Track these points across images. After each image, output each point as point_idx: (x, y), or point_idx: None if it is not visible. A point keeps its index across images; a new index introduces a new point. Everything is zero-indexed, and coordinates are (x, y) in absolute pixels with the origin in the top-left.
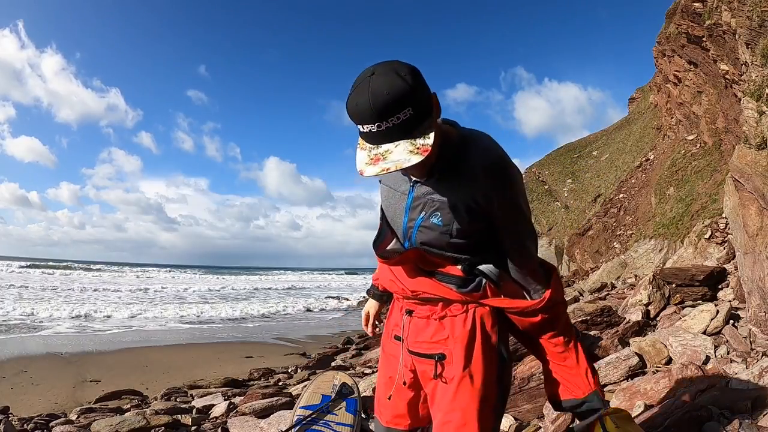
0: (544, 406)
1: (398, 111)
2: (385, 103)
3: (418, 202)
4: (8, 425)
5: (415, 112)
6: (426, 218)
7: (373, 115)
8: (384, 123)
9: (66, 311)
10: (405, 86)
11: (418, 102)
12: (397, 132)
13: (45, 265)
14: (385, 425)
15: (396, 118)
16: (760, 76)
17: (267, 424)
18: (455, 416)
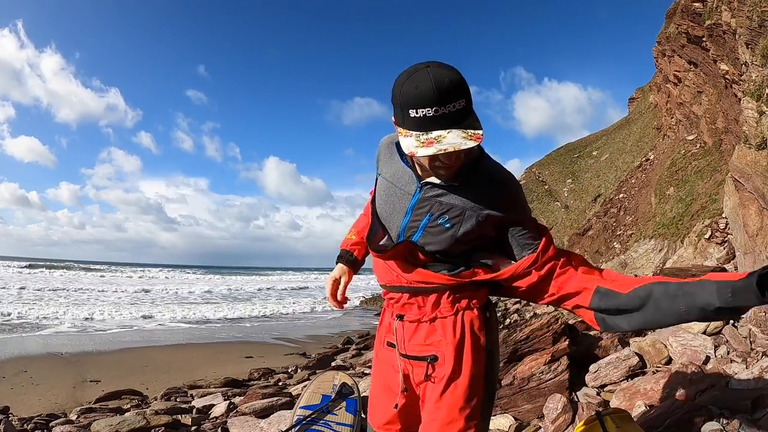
0: (544, 406)
1: (456, 99)
2: (446, 89)
3: (424, 203)
4: (8, 425)
5: (467, 104)
6: (433, 219)
7: (433, 99)
8: (441, 108)
9: (66, 311)
10: (461, 78)
11: (469, 96)
12: (450, 119)
13: (45, 265)
14: (377, 430)
15: (452, 105)
16: (760, 76)
17: (267, 424)
18: (441, 414)
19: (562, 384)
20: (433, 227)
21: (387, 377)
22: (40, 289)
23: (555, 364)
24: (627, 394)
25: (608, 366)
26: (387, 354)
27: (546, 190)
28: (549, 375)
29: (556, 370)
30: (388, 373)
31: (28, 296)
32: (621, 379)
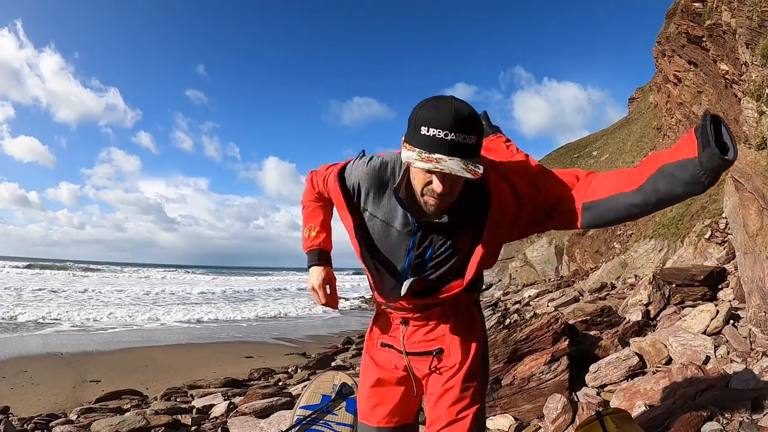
0: (544, 406)
1: (468, 132)
2: (463, 119)
3: (424, 240)
4: (8, 425)
5: (476, 143)
6: (436, 249)
7: (448, 123)
8: (452, 134)
9: (66, 312)
10: (479, 119)
11: (480, 137)
12: (456, 148)
13: (47, 265)
14: (375, 425)
15: (462, 137)
16: (760, 76)
17: (267, 424)
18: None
19: (562, 384)
20: (438, 256)
21: (387, 375)
22: (40, 289)
23: (555, 364)
24: (627, 394)
25: (608, 366)
26: (383, 354)
27: None
28: (549, 375)
29: (556, 370)
30: (387, 371)
31: (28, 297)
32: (621, 379)
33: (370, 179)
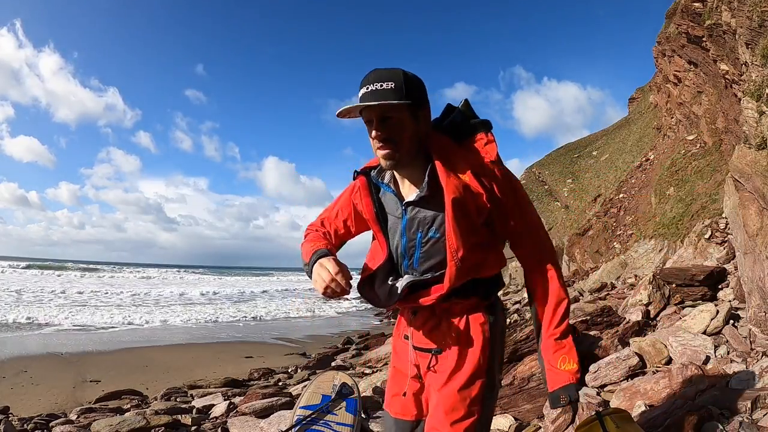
0: (544, 406)
1: (383, 80)
2: (378, 73)
3: (412, 223)
4: (8, 425)
5: (394, 87)
6: (425, 235)
7: (365, 80)
8: (367, 86)
9: (67, 312)
10: (401, 73)
11: (401, 84)
12: (374, 94)
13: (45, 265)
14: (394, 416)
15: (379, 84)
16: (760, 76)
17: (267, 424)
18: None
19: None
20: (426, 242)
21: (403, 367)
22: (40, 290)
23: None
24: (627, 394)
25: (608, 366)
26: (402, 346)
27: (546, 190)
28: None
29: None
30: (402, 362)
31: (28, 298)
32: (621, 379)
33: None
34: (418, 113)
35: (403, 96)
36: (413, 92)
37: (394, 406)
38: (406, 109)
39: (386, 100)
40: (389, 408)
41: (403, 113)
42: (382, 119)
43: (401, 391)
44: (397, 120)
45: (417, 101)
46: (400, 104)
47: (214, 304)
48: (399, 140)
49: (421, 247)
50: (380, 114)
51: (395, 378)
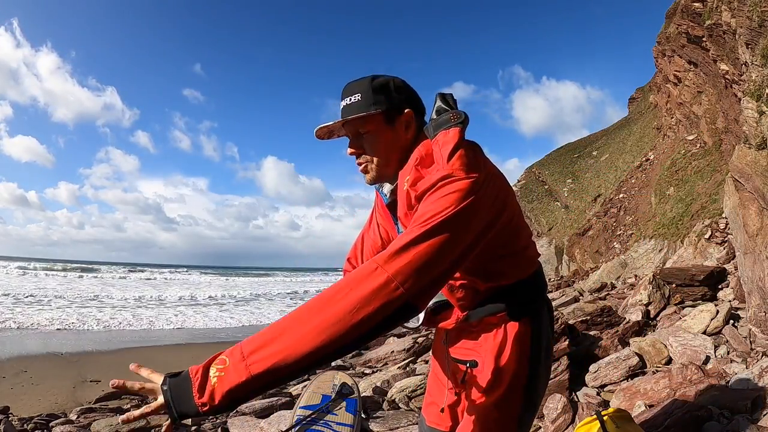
0: (544, 406)
1: (348, 94)
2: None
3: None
4: (8, 425)
5: (359, 99)
6: None
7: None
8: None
9: (67, 312)
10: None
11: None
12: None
13: (47, 267)
14: (429, 425)
15: (348, 99)
16: (760, 76)
17: (267, 424)
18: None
19: (562, 384)
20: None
21: (439, 374)
22: (40, 290)
23: (555, 364)
24: (627, 394)
25: (608, 366)
26: (442, 350)
27: (546, 190)
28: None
29: (556, 370)
30: (440, 370)
31: (29, 298)
32: (621, 379)
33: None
34: (394, 120)
35: (370, 105)
36: (383, 99)
37: (431, 414)
38: (379, 118)
39: (352, 114)
40: (426, 414)
41: (376, 124)
42: (355, 135)
43: (437, 401)
44: (370, 133)
45: (391, 107)
46: (368, 115)
47: (214, 304)
48: (374, 153)
49: None
50: (353, 130)
51: (434, 384)
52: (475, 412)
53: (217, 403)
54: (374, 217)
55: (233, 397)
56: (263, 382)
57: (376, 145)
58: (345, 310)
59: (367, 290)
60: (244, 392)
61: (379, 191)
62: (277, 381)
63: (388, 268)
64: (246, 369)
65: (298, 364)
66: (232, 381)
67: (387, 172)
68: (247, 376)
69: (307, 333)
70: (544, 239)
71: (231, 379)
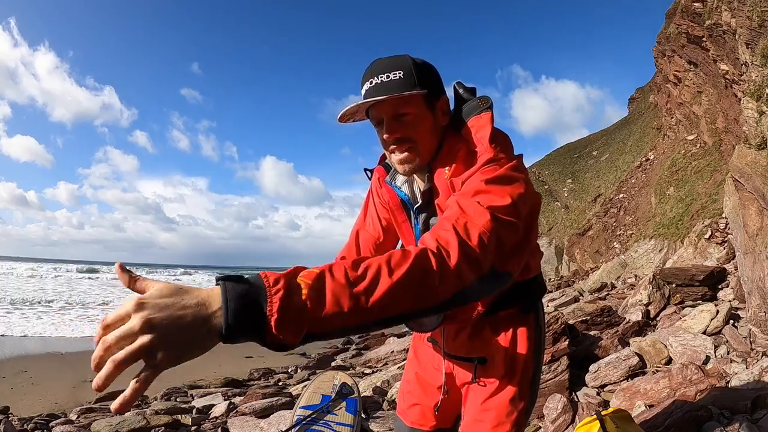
0: (544, 406)
1: (387, 70)
2: (380, 63)
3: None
4: (8, 425)
5: (402, 77)
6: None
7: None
8: (372, 80)
9: (68, 312)
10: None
11: (410, 73)
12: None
13: (51, 267)
14: (410, 425)
15: (386, 76)
16: (760, 76)
17: (267, 424)
18: (490, 415)
19: (562, 384)
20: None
21: (426, 373)
22: (39, 290)
23: (555, 364)
24: (627, 394)
25: (608, 366)
26: (427, 350)
27: (546, 190)
28: (549, 375)
29: (556, 370)
30: (427, 369)
31: (29, 299)
32: (621, 379)
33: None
34: (434, 104)
35: (415, 85)
36: (426, 80)
37: (412, 415)
38: (421, 100)
39: (394, 92)
40: (404, 416)
41: (419, 106)
42: (394, 117)
43: (422, 401)
44: (413, 115)
45: (433, 90)
46: (414, 95)
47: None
48: (417, 139)
49: None
50: (392, 111)
51: (417, 386)
52: (487, 412)
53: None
54: (370, 211)
55: (317, 331)
56: (359, 321)
57: (419, 130)
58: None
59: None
60: (332, 327)
61: (391, 184)
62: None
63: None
64: (352, 299)
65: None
66: (332, 306)
67: (425, 161)
68: (352, 306)
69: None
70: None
71: (331, 304)
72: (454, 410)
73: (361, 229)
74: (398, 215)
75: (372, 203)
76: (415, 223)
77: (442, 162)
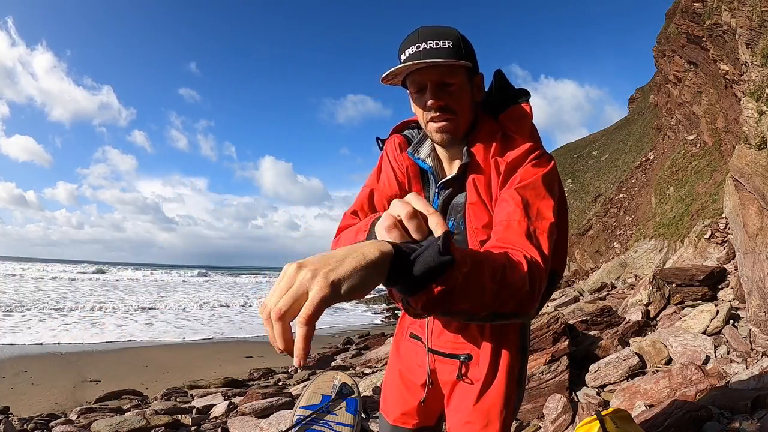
0: (544, 406)
1: (438, 38)
2: (431, 30)
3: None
4: (8, 425)
5: (452, 46)
6: (456, 224)
7: (417, 37)
8: (422, 44)
9: (69, 312)
10: (453, 30)
11: (458, 44)
12: (430, 53)
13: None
14: (392, 423)
15: (435, 42)
16: (760, 76)
17: (267, 424)
18: (478, 417)
19: (562, 384)
20: (457, 234)
21: (408, 371)
22: (40, 290)
23: (555, 364)
24: (627, 394)
25: (608, 366)
26: (410, 346)
27: None
28: (549, 375)
29: (556, 370)
30: (409, 366)
31: (29, 299)
32: (621, 379)
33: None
34: (473, 80)
35: (462, 56)
36: (470, 54)
37: (394, 413)
38: (465, 73)
39: (444, 59)
40: (387, 414)
41: (462, 78)
42: (440, 85)
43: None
44: (457, 86)
45: (475, 65)
46: (461, 66)
47: (214, 304)
48: (458, 110)
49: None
50: (439, 78)
51: (401, 383)
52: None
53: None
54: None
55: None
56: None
57: (462, 102)
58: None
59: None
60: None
61: (413, 156)
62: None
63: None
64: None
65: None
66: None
67: (461, 133)
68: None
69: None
70: None
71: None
72: (437, 408)
73: (375, 188)
74: (415, 184)
75: (389, 165)
76: (435, 196)
77: (482, 139)
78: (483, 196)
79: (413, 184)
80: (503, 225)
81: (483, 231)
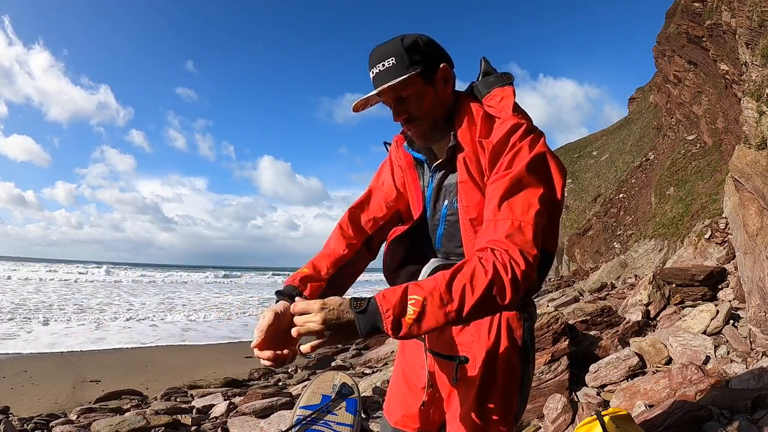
0: (544, 406)
1: (382, 58)
2: (376, 52)
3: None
4: (8, 425)
5: (395, 62)
6: (450, 206)
7: (370, 64)
8: (373, 70)
9: (69, 313)
10: (396, 41)
11: (399, 55)
12: (380, 78)
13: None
14: (393, 425)
15: (381, 65)
16: (760, 76)
17: (267, 424)
18: (474, 425)
19: (562, 384)
20: (451, 214)
21: (411, 372)
22: (40, 290)
23: (555, 364)
24: (627, 394)
25: (608, 366)
26: (414, 347)
27: None
28: (549, 375)
29: (556, 370)
30: (412, 367)
31: (30, 299)
32: (621, 379)
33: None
34: (432, 77)
35: (407, 67)
36: (419, 58)
37: (396, 415)
38: (418, 79)
39: (390, 79)
40: (390, 415)
41: (416, 85)
42: (398, 100)
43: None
44: (413, 95)
45: (427, 65)
46: (409, 78)
47: (214, 304)
48: (420, 116)
49: (445, 222)
50: (394, 95)
51: (404, 384)
52: (471, 410)
53: (405, 335)
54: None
55: (419, 334)
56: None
57: (422, 106)
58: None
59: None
60: (430, 331)
61: (408, 149)
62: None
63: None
64: (444, 317)
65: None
66: (429, 323)
67: (436, 131)
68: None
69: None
70: None
71: (428, 322)
72: (439, 416)
73: (375, 188)
74: (409, 174)
75: (389, 166)
76: (429, 181)
77: (465, 122)
78: (473, 173)
79: (408, 174)
80: (488, 223)
81: (474, 208)
